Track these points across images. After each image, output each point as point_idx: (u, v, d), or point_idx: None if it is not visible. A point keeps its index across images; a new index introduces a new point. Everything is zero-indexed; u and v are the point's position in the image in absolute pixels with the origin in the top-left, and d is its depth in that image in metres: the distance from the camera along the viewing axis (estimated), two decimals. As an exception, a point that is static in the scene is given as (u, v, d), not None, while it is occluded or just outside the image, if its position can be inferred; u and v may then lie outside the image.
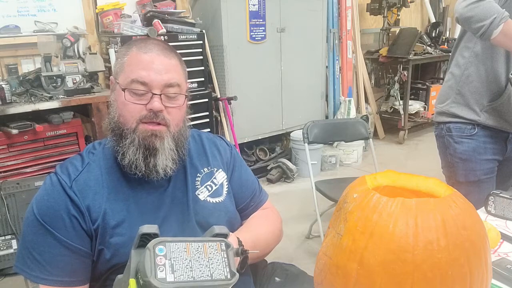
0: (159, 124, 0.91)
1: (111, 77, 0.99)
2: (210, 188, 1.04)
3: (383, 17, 4.45)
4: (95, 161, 0.96)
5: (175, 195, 0.99)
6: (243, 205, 1.12)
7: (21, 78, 2.41)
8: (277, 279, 1.12)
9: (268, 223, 1.13)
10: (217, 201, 1.04)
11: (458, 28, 1.60)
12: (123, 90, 0.91)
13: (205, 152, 1.08)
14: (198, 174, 1.04)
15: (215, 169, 1.07)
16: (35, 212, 0.89)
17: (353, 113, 4.06)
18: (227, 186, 1.08)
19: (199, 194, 1.02)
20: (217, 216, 1.02)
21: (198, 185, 1.03)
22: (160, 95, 0.91)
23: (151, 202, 0.96)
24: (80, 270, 0.90)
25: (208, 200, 1.02)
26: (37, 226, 0.88)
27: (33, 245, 0.88)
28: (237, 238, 0.93)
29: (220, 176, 1.07)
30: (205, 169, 1.05)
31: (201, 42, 2.98)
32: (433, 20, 5.13)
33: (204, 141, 1.11)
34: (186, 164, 1.03)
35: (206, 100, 3.08)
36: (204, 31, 3.04)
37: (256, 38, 3.30)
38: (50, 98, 2.33)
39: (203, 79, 3.05)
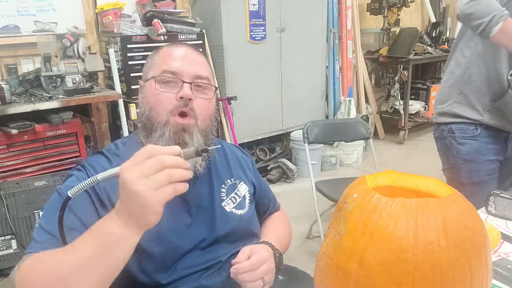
0: (187, 115, 0.91)
1: (140, 81, 1.00)
2: (234, 200, 1.05)
3: (383, 17, 4.45)
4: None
5: (201, 203, 0.98)
6: (266, 213, 1.21)
7: (21, 78, 2.41)
8: (280, 277, 1.14)
9: (284, 224, 1.22)
10: (241, 213, 1.04)
11: (458, 28, 1.59)
12: (154, 78, 0.92)
13: (228, 163, 1.09)
14: (223, 185, 1.04)
15: (238, 181, 1.08)
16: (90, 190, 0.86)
17: (353, 113, 4.06)
18: (249, 198, 1.09)
19: (225, 206, 1.02)
20: (245, 227, 1.04)
21: (224, 196, 1.03)
22: (191, 83, 0.92)
23: (178, 205, 0.94)
24: None
25: (234, 212, 1.03)
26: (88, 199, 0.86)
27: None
28: (269, 242, 1.02)
29: (243, 189, 1.08)
30: (229, 181, 1.06)
31: (201, 42, 2.98)
32: (433, 20, 5.13)
33: (227, 151, 1.11)
34: (212, 172, 1.03)
35: (206, 100, 3.07)
36: (204, 31, 3.04)
37: (256, 38, 3.30)
38: (50, 98, 2.33)
39: (203, 79, 3.05)
